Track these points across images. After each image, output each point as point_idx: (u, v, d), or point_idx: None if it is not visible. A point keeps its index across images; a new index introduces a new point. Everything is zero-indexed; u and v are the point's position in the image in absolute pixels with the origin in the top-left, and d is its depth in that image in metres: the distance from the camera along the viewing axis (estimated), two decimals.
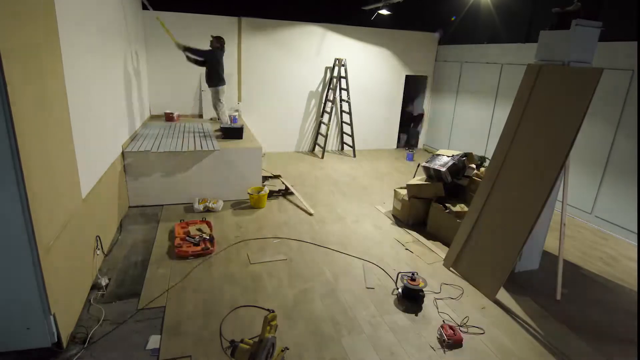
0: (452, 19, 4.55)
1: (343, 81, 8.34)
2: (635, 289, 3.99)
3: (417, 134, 9.83)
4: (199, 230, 4.57)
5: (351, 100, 8.92)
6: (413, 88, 9.88)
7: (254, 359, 2.44)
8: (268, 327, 2.60)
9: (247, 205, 5.58)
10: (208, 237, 4.35)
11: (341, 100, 8.58)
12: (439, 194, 4.99)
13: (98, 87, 4.02)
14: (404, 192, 5.29)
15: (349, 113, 8.52)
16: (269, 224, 5.02)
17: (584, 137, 5.67)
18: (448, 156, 5.16)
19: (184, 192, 5.44)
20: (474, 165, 5.06)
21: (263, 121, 8.38)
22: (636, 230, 5.06)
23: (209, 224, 4.74)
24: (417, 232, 4.99)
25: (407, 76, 9.30)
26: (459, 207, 4.81)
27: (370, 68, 8.91)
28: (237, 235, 4.64)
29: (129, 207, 5.25)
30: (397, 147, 9.79)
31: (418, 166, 7.09)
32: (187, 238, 4.32)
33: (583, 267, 4.39)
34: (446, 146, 8.86)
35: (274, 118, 8.48)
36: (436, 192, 4.98)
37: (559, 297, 3.68)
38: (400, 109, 9.47)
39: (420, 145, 9.89)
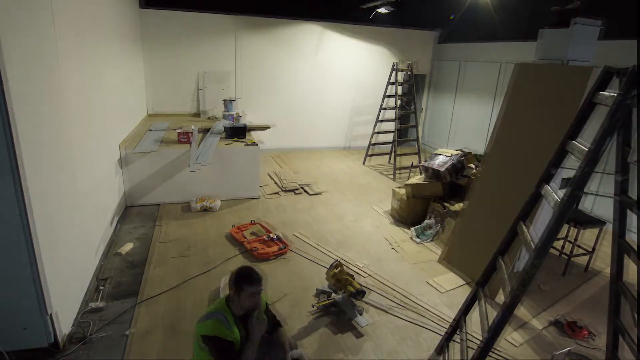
0: (451, 17, 4.53)
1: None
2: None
3: None
4: (253, 234, 4.51)
5: (350, 99, 8.94)
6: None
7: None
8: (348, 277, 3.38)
9: (245, 204, 5.57)
10: (276, 237, 4.38)
11: None
12: (438, 194, 4.98)
13: (93, 86, 3.99)
14: (402, 191, 5.28)
15: None
16: (269, 222, 5.01)
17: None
18: (447, 155, 5.16)
19: (181, 191, 5.41)
20: (472, 165, 5.06)
21: (260, 118, 8.36)
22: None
23: (262, 225, 4.71)
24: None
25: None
26: (458, 207, 4.80)
27: (369, 66, 8.89)
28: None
29: (126, 206, 5.23)
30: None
31: (411, 165, 7.10)
32: (267, 238, 4.35)
33: (575, 262, 4.38)
34: (445, 145, 8.85)
35: (270, 115, 8.45)
36: (435, 192, 4.98)
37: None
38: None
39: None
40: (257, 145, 5.71)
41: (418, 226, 4.87)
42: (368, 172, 7.55)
